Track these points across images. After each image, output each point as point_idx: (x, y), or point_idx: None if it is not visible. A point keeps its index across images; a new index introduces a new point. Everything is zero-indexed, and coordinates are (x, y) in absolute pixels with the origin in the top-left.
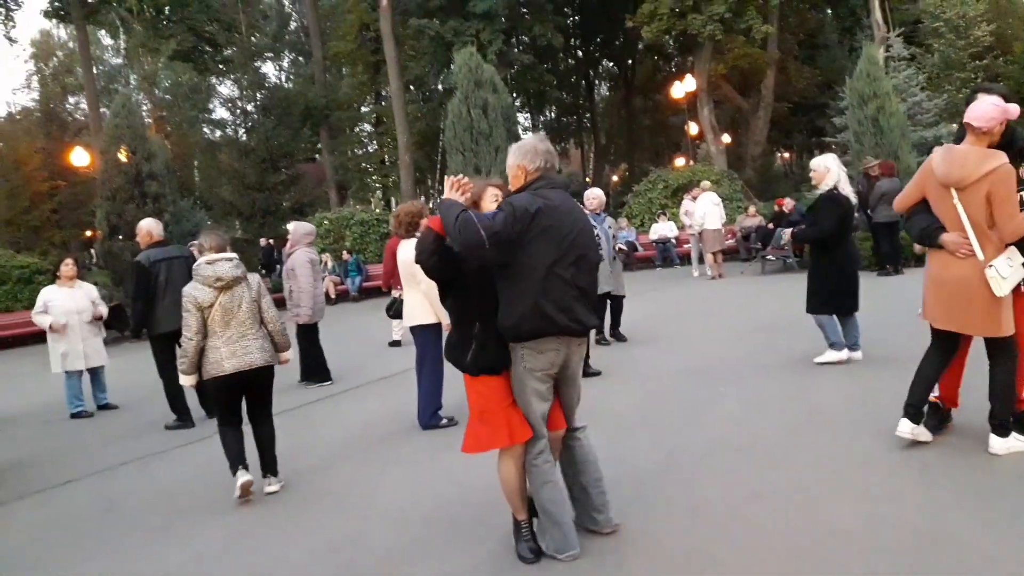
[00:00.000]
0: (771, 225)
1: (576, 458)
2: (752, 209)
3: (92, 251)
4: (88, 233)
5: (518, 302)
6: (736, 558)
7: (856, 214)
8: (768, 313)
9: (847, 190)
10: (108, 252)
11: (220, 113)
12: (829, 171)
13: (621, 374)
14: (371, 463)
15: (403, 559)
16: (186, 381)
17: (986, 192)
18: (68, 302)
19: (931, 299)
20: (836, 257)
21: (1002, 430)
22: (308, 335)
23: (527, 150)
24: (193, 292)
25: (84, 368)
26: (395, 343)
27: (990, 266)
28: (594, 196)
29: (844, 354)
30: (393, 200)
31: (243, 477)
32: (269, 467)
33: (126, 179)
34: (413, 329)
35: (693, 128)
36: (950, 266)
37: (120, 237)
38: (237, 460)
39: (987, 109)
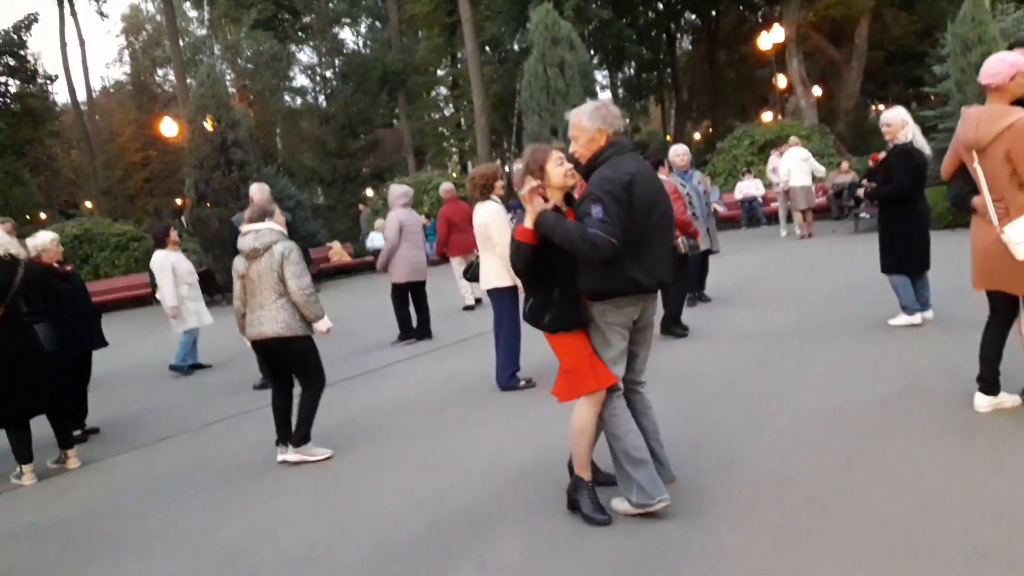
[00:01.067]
0: (865, 181)
1: (636, 409)
2: (845, 165)
3: (182, 219)
4: (179, 201)
5: (606, 268)
6: (829, 528)
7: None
8: (859, 274)
9: (921, 143)
10: (196, 219)
11: (300, 81)
12: (906, 124)
13: (707, 335)
14: (451, 425)
15: (486, 519)
16: (246, 342)
17: (1005, 151)
18: (186, 263)
19: (974, 264)
20: (910, 214)
21: None
22: (397, 295)
23: (604, 113)
24: (235, 260)
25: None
26: (469, 307)
27: (1003, 231)
28: (682, 152)
29: (917, 317)
30: (469, 164)
31: (278, 455)
32: (282, 436)
33: (212, 147)
34: (490, 292)
35: (781, 81)
36: (985, 229)
37: (208, 204)
38: (278, 431)
39: (992, 64)
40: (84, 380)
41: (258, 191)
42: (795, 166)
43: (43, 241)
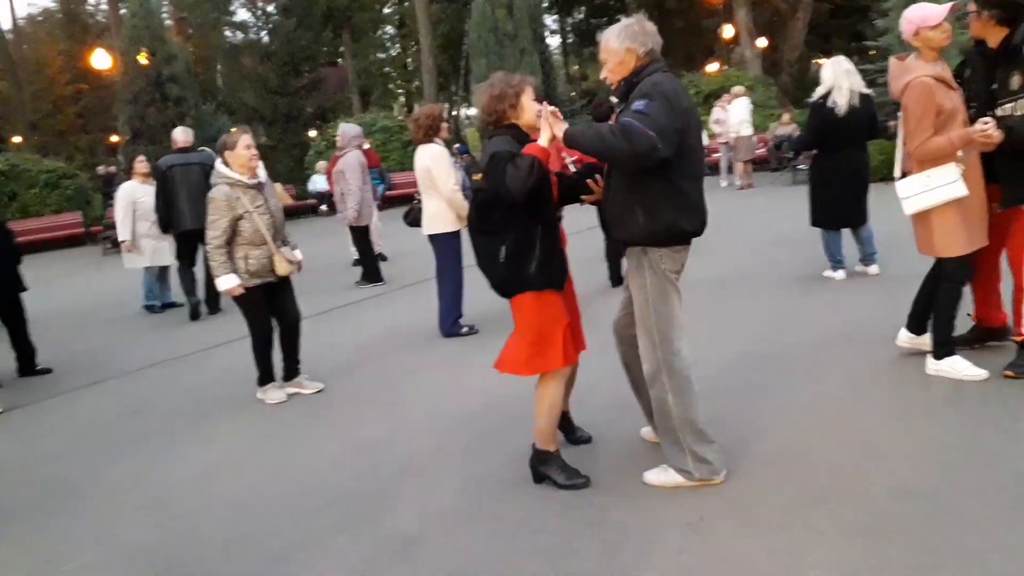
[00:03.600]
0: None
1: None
2: (786, 117)
3: (119, 157)
4: (114, 139)
5: (667, 202)
6: (763, 472)
7: (893, 122)
8: (796, 225)
9: (841, 100)
10: (132, 157)
11: (241, 15)
12: (823, 79)
13: None
14: (394, 370)
15: (428, 463)
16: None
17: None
18: (151, 199)
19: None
20: (827, 169)
21: (939, 351)
22: (359, 237)
23: (635, 31)
24: None
25: (167, 264)
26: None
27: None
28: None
29: (840, 274)
30: (416, 106)
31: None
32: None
33: (146, 82)
34: (432, 237)
35: (728, 31)
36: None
37: (143, 142)
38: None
39: (901, 20)
40: (20, 323)
41: (181, 134)
42: (746, 117)
43: None
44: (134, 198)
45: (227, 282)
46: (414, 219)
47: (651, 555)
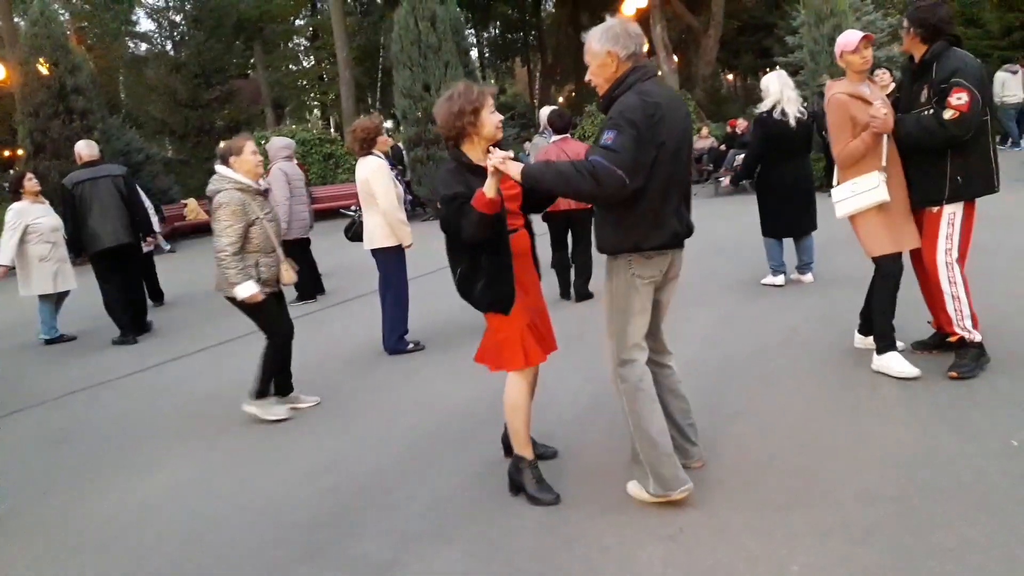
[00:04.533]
0: (723, 147)
1: (663, 386)
2: (704, 130)
3: (12, 171)
4: (7, 152)
5: (631, 217)
6: (731, 479)
7: (821, 134)
8: (725, 235)
9: (790, 111)
10: (34, 173)
11: (145, 25)
12: (768, 92)
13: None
14: (340, 390)
15: (385, 483)
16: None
17: None
18: (49, 219)
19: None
20: (772, 180)
21: (879, 346)
22: (294, 252)
23: (617, 32)
24: None
25: (71, 288)
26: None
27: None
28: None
29: (780, 279)
30: (332, 118)
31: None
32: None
33: (49, 94)
34: (375, 252)
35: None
36: None
37: (45, 156)
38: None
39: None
40: None
41: (86, 147)
42: None
43: None
44: (26, 220)
45: (247, 289)
46: (355, 234)
47: (635, 569)
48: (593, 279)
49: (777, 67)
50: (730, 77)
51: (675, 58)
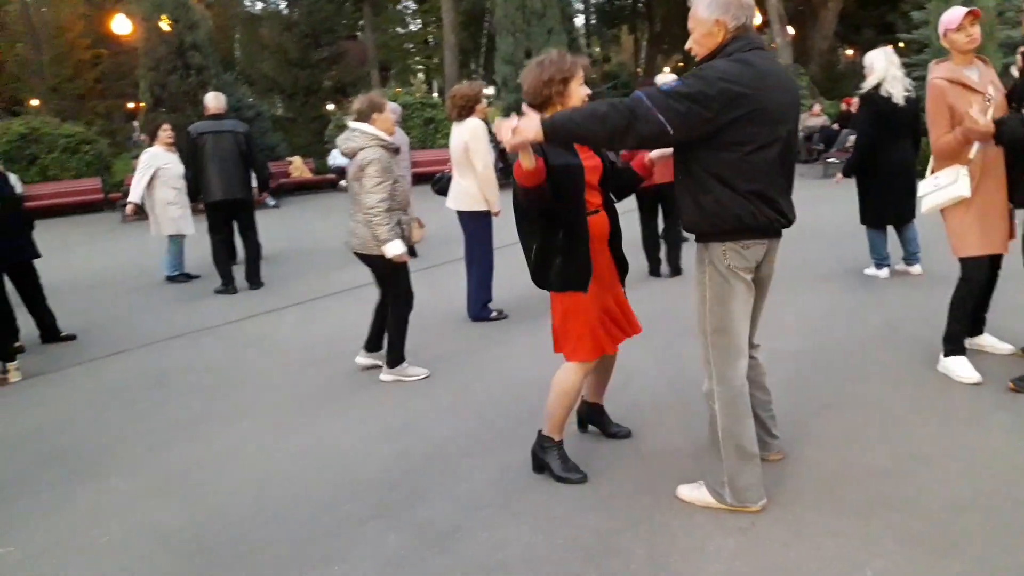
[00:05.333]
0: (836, 126)
1: (749, 378)
2: (817, 108)
3: (135, 123)
4: (130, 105)
5: (715, 195)
6: (811, 476)
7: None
8: (830, 220)
9: (894, 90)
10: (154, 124)
11: None
12: (873, 69)
13: (677, 277)
14: (421, 354)
15: (457, 450)
16: None
17: None
18: (177, 166)
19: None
20: (880, 165)
21: (945, 349)
22: None
23: (728, 1)
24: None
25: (186, 233)
26: None
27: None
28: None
29: (884, 272)
30: (435, 83)
31: (357, 358)
32: (368, 341)
33: (169, 49)
34: (461, 215)
35: (756, 18)
36: None
37: (164, 109)
38: (368, 333)
39: None
40: (36, 290)
41: (213, 99)
42: None
43: None
44: (156, 165)
45: (396, 248)
46: (442, 187)
47: (701, 560)
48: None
49: (902, 44)
50: (849, 52)
51: (790, 30)
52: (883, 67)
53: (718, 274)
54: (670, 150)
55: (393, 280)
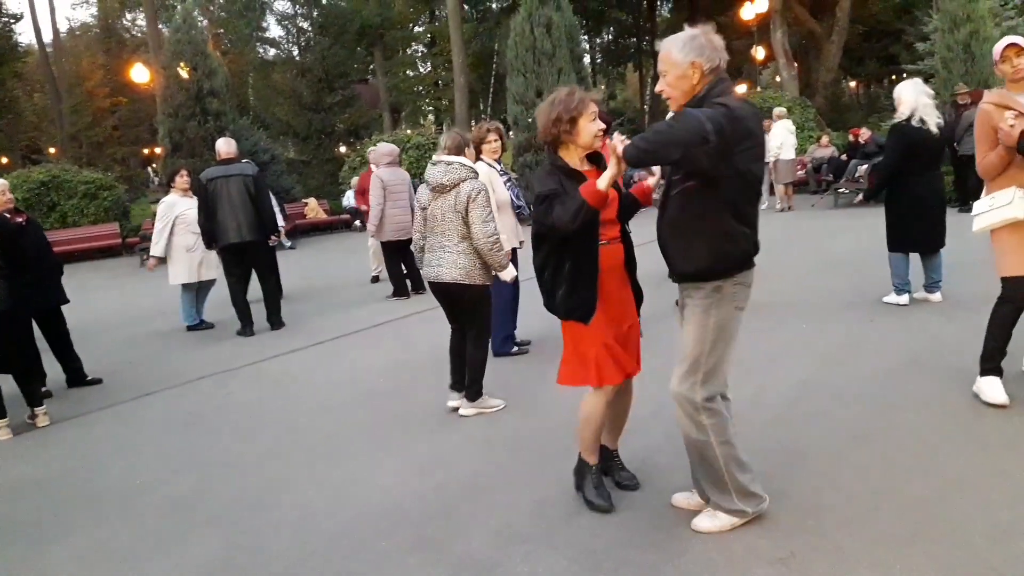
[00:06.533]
0: (845, 156)
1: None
2: (824, 139)
3: (150, 168)
4: (146, 151)
5: (721, 230)
6: (848, 505)
7: (952, 146)
8: (844, 248)
9: (929, 118)
10: (172, 170)
11: (273, 31)
12: (902, 100)
13: None
14: (444, 388)
15: (491, 484)
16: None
17: None
18: (196, 212)
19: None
20: (907, 192)
21: (981, 368)
22: (387, 254)
23: (701, 44)
24: (419, 190)
25: (212, 278)
26: (378, 279)
27: None
28: None
29: (904, 299)
30: (445, 124)
31: (448, 402)
32: (455, 381)
33: (187, 96)
34: None
35: (759, 53)
36: None
37: (182, 154)
38: (452, 375)
39: None
40: (63, 335)
41: (224, 145)
42: (786, 139)
43: None
44: (175, 213)
45: (512, 272)
46: None
47: None
48: None
49: (906, 75)
50: (852, 84)
51: (795, 64)
52: (913, 98)
53: (726, 315)
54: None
55: (480, 313)
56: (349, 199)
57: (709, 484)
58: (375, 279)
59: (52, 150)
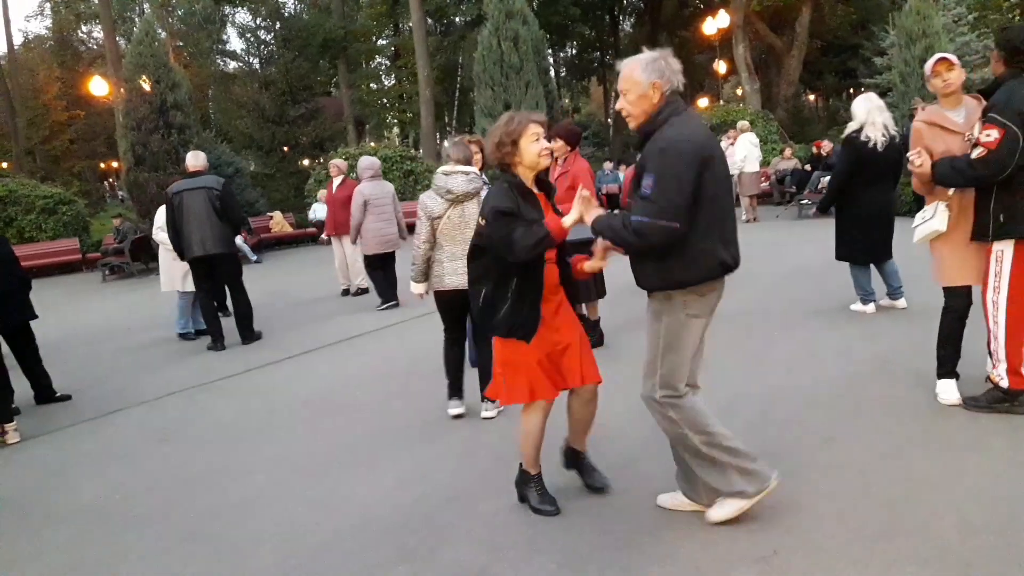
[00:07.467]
0: (808, 168)
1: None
2: (788, 151)
3: (107, 182)
4: (103, 165)
5: (683, 249)
6: (825, 505)
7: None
8: (809, 258)
9: (872, 134)
10: (134, 183)
11: (234, 44)
12: (855, 114)
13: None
14: (427, 398)
15: (474, 493)
16: (415, 289)
17: None
18: None
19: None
20: (857, 204)
21: (937, 371)
22: (368, 265)
23: (662, 66)
24: (426, 200)
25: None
26: (348, 292)
27: None
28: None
29: (870, 307)
30: (410, 136)
31: (452, 410)
32: (454, 389)
33: (150, 109)
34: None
35: (721, 67)
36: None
37: (145, 168)
38: (451, 385)
39: None
40: (32, 351)
41: (192, 158)
42: (750, 152)
43: None
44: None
45: None
46: None
47: None
48: None
49: (864, 89)
50: (812, 97)
51: (757, 78)
52: (864, 112)
53: (677, 323)
54: (606, 262)
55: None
56: (316, 212)
57: (704, 472)
58: (345, 292)
59: (5, 164)
